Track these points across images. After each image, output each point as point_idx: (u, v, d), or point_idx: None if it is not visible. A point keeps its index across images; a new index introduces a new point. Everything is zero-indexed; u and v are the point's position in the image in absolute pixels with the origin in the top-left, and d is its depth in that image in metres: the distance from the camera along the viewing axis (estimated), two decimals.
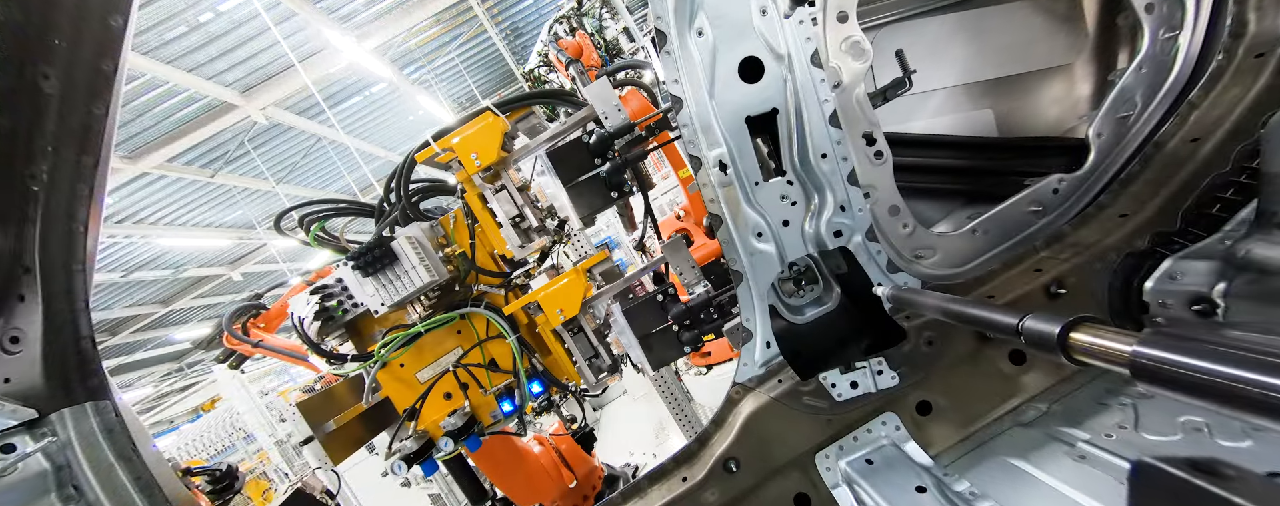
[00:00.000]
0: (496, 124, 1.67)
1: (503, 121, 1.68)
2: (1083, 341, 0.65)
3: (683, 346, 1.63)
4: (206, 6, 6.87)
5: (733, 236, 1.33)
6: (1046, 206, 1.47)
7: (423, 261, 1.72)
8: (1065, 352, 0.67)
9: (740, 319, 1.38)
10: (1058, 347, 0.67)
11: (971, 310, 0.90)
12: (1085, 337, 0.65)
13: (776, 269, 1.36)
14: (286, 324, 2.41)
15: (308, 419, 1.84)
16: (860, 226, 1.34)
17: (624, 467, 3.37)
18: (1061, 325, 0.67)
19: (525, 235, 1.77)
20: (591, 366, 1.81)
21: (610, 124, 1.56)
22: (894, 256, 1.39)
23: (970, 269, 1.45)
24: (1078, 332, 0.66)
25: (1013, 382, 1.31)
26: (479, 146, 1.65)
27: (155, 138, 8.39)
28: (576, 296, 1.72)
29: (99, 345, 1.13)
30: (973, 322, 0.90)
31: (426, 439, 1.85)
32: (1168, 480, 0.48)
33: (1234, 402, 0.49)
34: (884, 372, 1.30)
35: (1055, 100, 1.83)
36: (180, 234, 10.93)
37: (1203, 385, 0.51)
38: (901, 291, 1.22)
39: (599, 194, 1.60)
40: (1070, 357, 0.67)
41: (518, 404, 1.84)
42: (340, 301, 1.85)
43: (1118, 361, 0.60)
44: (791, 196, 1.35)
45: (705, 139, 1.29)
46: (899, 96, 1.45)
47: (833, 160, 1.30)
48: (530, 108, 1.90)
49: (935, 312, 1.02)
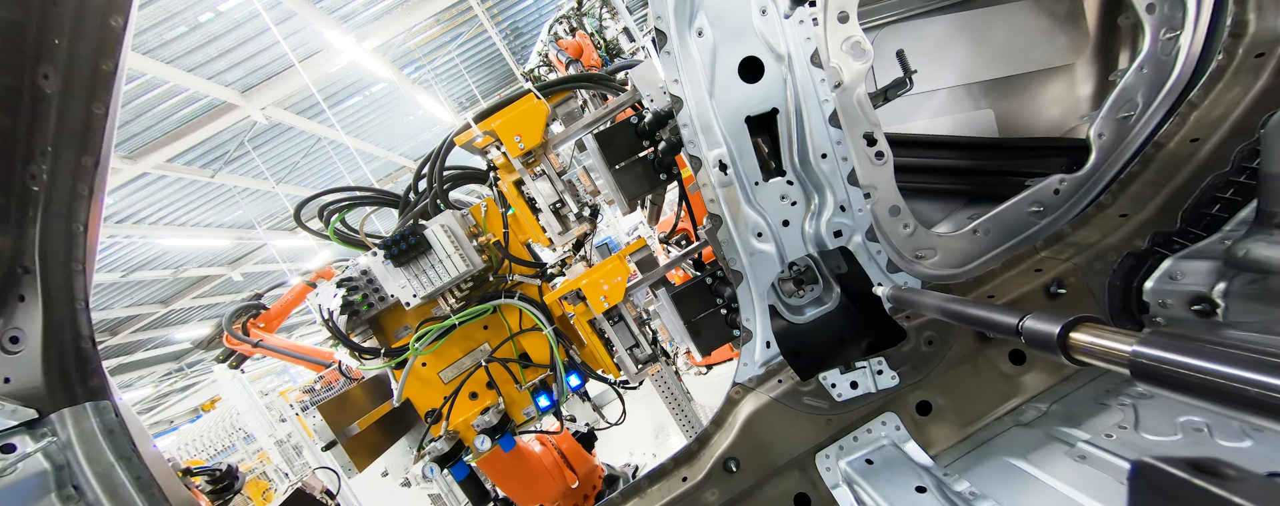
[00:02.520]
0: (540, 107, 1.59)
1: (544, 105, 1.61)
2: (1083, 341, 0.65)
3: (732, 330, 1.51)
4: (207, 6, 6.85)
5: (733, 236, 1.33)
6: (1047, 207, 1.47)
7: (458, 250, 1.66)
8: (1066, 353, 0.67)
9: (741, 319, 1.38)
10: (1058, 348, 0.67)
11: (972, 310, 0.90)
12: (1085, 337, 0.65)
13: (776, 269, 1.36)
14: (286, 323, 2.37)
15: (329, 421, 1.78)
16: (860, 226, 1.34)
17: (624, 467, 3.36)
18: (1062, 325, 0.68)
19: (564, 222, 1.71)
20: (631, 356, 1.72)
21: (657, 106, 1.47)
22: (894, 256, 1.39)
23: (971, 269, 1.45)
24: (1078, 333, 0.66)
25: (1013, 382, 1.31)
26: (523, 128, 1.58)
27: (155, 137, 8.37)
28: (620, 283, 1.61)
29: (99, 345, 1.13)
30: (973, 322, 0.90)
31: (457, 440, 1.80)
32: (1168, 480, 0.48)
33: (1234, 402, 0.49)
34: (884, 372, 1.30)
35: (1056, 100, 1.83)
36: (180, 234, 10.92)
37: (1203, 385, 0.51)
38: (901, 291, 1.22)
39: (646, 177, 1.51)
40: (1071, 358, 0.67)
41: (555, 398, 1.78)
42: (365, 295, 1.78)
43: (1117, 361, 0.60)
44: (791, 196, 1.35)
45: (705, 139, 1.29)
46: (900, 96, 1.45)
47: (833, 160, 1.30)
48: (571, 92, 1.79)
49: (935, 312, 1.02)
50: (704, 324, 1.59)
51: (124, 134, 8.01)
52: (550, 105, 1.68)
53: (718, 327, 1.56)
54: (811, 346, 1.47)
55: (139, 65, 6.89)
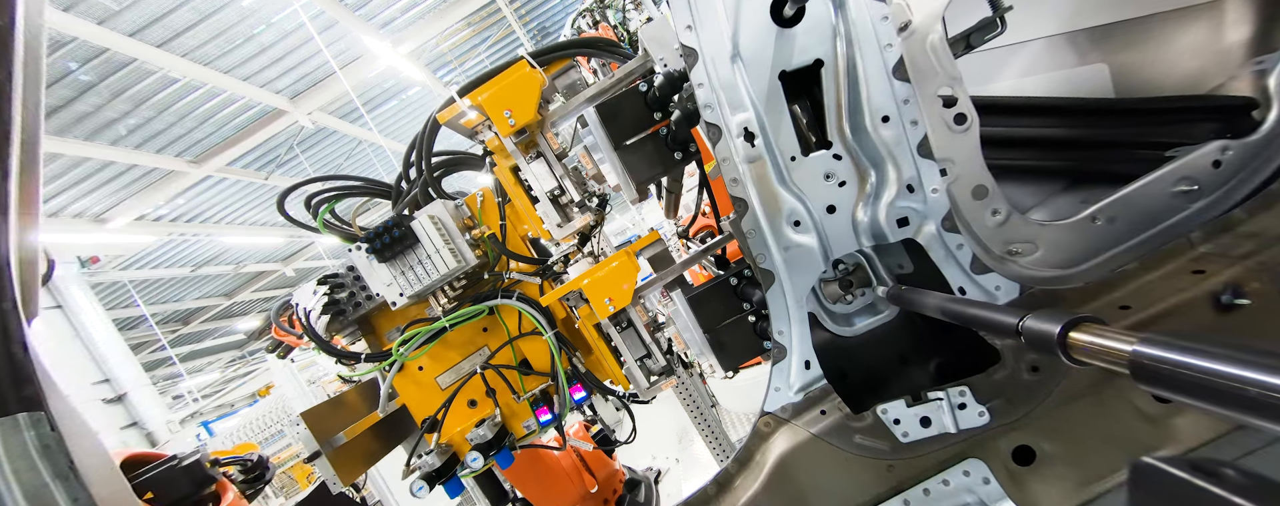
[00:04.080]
0: (533, 76, 1.36)
1: (539, 74, 1.38)
2: (1082, 341, 0.63)
3: (763, 341, 1.25)
4: (261, 19, 7.28)
5: (761, 225, 1.05)
6: (1203, 185, 1.07)
7: (447, 244, 1.48)
8: (1065, 353, 0.65)
9: (773, 332, 1.09)
10: (1058, 348, 0.65)
11: (971, 310, 0.82)
12: (1085, 337, 0.63)
13: (819, 268, 1.07)
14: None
15: (313, 430, 1.65)
16: (934, 212, 1.01)
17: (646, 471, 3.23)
18: (1062, 323, 0.65)
19: (564, 212, 1.49)
20: (642, 368, 1.49)
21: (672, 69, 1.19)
22: (980, 251, 1.06)
23: (1087, 269, 1.09)
24: (1078, 332, 0.64)
25: (1158, 428, 0.94)
26: (513, 101, 1.35)
27: (217, 142, 9.05)
28: (628, 284, 1.38)
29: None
30: (972, 323, 0.81)
31: (450, 453, 1.65)
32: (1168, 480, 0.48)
33: (1234, 403, 0.48)
34: (968, 406, 0.98)
35: (1194, 50, 1.40)
36: (239, 232, 11.81)
37: (1203, 385, 0.50)
38: (900, 290, 0.98)
39: (658, 157, 1.26)
40: (1070, 358, 0.65)
41: (557, 411, 1.59)
42: (352, 292, 1.66)
43: (1117, 361, 0.59)
44: (839, 175, 1.05)
45: (726, 99, 1.02)
46: (987, 44, 1.11)
47: (897, 125, 0.99)
48: (570, 61, 1.54)
49: (936, 312, 0.88)
50: (728, 333, 1.30)
51: (190, 140, 8.70)
52: (547, 76, 1.45)
53: (744, 338, 1.28)
54: (862, 367, 1.16)
55: (200, 75, 7.45)
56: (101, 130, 7.51)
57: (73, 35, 5.99)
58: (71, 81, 6.70)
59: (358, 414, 1.86)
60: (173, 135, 8.37)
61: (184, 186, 9.32)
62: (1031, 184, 1.43)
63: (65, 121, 7.11)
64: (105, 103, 7.14)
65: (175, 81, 7.49)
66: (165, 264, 11.65)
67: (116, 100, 7.23)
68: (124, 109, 7.46)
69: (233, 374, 15.65)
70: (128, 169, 8.48)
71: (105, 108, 7.21)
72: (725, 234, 1.49)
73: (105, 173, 8.35)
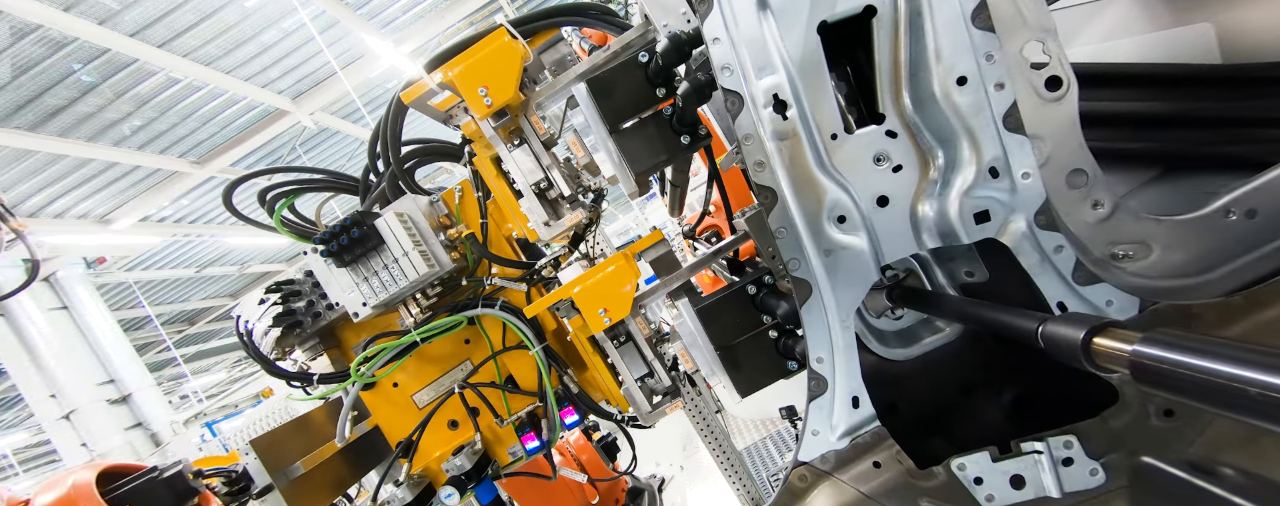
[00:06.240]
0: (513, 47, 1.14)
1: (521, 46, 1.15)
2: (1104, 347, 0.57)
3: (787, 362, 1.04)
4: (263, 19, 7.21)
5: (795, 222, 0.82)
6: None
7: (418, 246, 1.27)
8: (1090, 360, 0.59)
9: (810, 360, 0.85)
10: (1082, 355, 0.58)
11: (989, 313, 0.74)
12: (1108, 342, 0.57)
13: (870, 276, 0.83)
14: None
15: (264, 459, 1.37)
16: (1025, 203, 0.78)
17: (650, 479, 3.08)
18: (1086, 329, 0.59)
19: (552, 208, 1.27)
20: (643, 388, 1.28)
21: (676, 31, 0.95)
22: (1080, 253, 0.81)
23: (1220, 277, 0.84)
24: (1102, 338, 0.58)
25: None
26: (490, 76, 1.12)
27: (220, 143, 9.05)
28: (626, 292, 1.16)
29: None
30: (990, 327, 0.74)
31: (424, 485, 1.45)
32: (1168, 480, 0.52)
33: (1234, 403, 0.46)
34: (1075, 462, 0.73)
35: None
36: (243, 233, 11.80)
37: (1203, 385, 0.48)
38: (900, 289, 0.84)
39: (661, 141, 1.05)
40: (1095, 365, 0.59)
41: (546, 437, 1.38)
42: (311, 301, 1.47)
43: (1117, 361, 0.56)
44: (894, 157, 0.81)
45: (751, 60, 0.79)
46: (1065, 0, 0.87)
47: (976, 88, 0.75)
48: (556, 31, 1.30)
49: (953, 317, 0.82)
50: (744, 351, 1.07)
51: (192, 141, 8.70)
52: (531, 49, 1.23)
53: (765, 356, 1.05)
54: (917, 400, 0.93)
55: (202, 76, 7.42)
56: (104, 131, 7.51)
57: (74, 36, 5.96)
58: (74, 82, 6.68)
59: (325, 437, 1.65)
60: (175, 136, 8.37)
61: (187, 187, 9.34)
62: (1114, 171, 1.18)
63: (68, 122, 7.11)
64: (108, 103, 7.12)
65: (177, 82, 7.46)
66: (170, 265, 11.70)
67: (119, 101, 7.21)
68: (126, 110, 7.45)
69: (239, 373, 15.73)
70: (131, 170, 8.50)
71: (108, 108, 7.20)
72: (738, 234, 1.26)
73: (109, 174, 8.37)
